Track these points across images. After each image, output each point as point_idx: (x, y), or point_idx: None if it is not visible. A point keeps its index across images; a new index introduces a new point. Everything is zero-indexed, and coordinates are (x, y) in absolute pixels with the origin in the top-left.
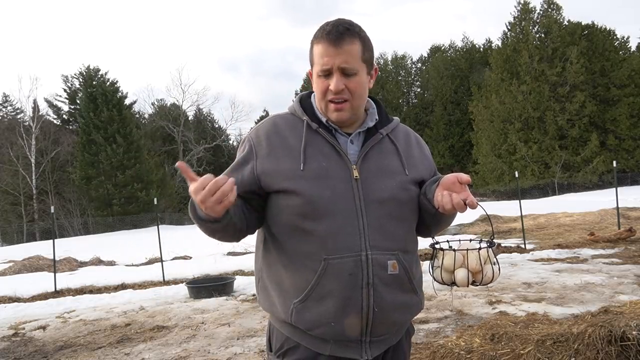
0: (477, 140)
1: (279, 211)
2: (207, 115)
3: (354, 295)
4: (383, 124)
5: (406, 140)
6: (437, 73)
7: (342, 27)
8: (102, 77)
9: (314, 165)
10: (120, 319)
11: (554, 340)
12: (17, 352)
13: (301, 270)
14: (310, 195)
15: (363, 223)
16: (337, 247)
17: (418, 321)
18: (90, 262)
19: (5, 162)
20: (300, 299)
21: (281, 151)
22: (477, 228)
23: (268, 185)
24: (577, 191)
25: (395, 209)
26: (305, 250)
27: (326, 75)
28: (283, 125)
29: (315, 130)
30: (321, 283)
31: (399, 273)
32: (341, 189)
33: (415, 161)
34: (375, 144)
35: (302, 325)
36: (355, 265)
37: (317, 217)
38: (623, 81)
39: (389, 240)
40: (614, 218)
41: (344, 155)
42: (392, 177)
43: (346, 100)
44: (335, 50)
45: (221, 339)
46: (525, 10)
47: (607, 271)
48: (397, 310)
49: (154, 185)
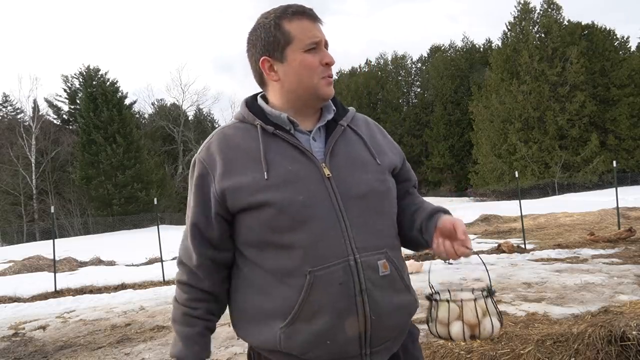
0: (477, 140)
1: (248, 230)
2: (207, 115)
3: (349, 306)
4: (341, 115)
5: (367, 128)
6: (437, 73)
7: (309, 7)
8: (102, 77)
9: (280, 170)
10: (120, 319)
11: (554, 340)
12: (17, 352)
13: (283, 290)
14: (281, 204)
15: (345, 224)
16: (321, 256)
17: (418, 321)
18: (90, 262)
19: (5, 162)
20: (286, 322)
21: (239, 164)
22: (477, 228)
23: (233, 205)
24: (577, 191)
25: (376, 202)
26: (285, 267)
27: (314, 49)
28: (234, 136)
29: (272, 134)
30: (309, 300)
31: (390, 273)
32: (314, 191)
33: (383, 148)
34: (339, 137)
35: (294, 351)
36: (345, 272)
37: (293, 226)
38: (623, 81)
39: (376, 238)
40: (614, 218)
41: (309, 154)
42: (365, 168)
43: (332, 76)
44: (318, 25)
45: (221, 338)
46: (525, 10)
47: (607, 271)
48: (394, 314)
49: (154, 185)
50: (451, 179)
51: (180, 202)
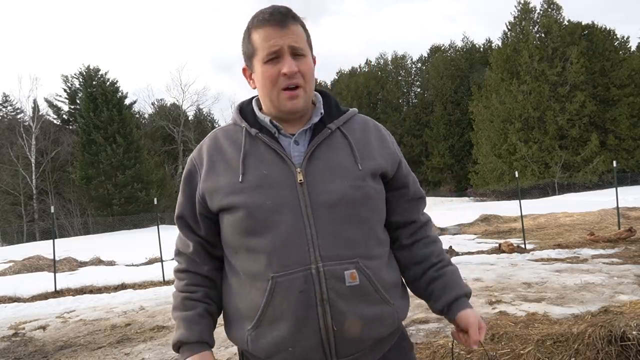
0: (477, 140)
1: (224, 231)
2: (207, 115)
3: (309, 315)
4: (332, 118)
5: (363, 130)
6: (437, 73)
7: (284, 9)
8: (102, 77)
9: (255, 174)
10: (120, 319)
11: (554, 340)
12: (17, 352)
13: (252, 293)
14: (249, 208)
15: (312, 232)
16: (284, 263)
17: (418, 321)
18: (90, 262)
19: (5, 162)
20: (253, 325)
21: (221, 166)
22: (477, 228)
23: (212, 205)
24: (577, 191)
25: (349, 210)
26: (253, 270)
27: (274, 59)
28: (223, 138)
29: (255, 137)
30: (271, 305)
31: (360, 283)
32: (283, 197)
33: (371, 153)
34: (323, 141)
35: (260, 354)
36: (306, 281)
37: (259, 231)
38: (623, 81)
39: (345, 247)
40: (614, 218)
41: (286, 158)
42: (343, 175)
43: (299, 86)
44: (283, 31)
45: (221, 338)
46: (525, 10)
47: (607, 271)
48: (364, 326)
49: (154, 185)
50: (451, 179)
51: None
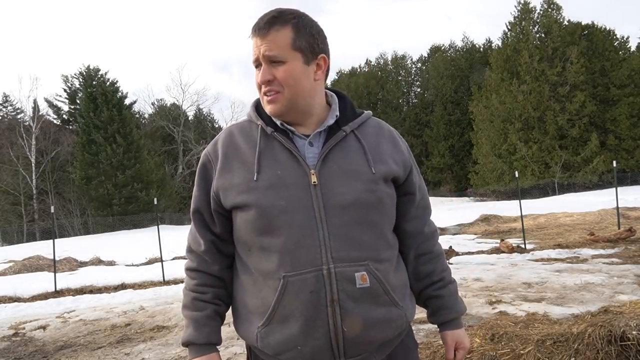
0: (477, 140)
1: (237, 228)
2: (207, 115)
3: (319, 315)
4: (348, 120)
5: (377, 134)
6: (437, 73)
7: (269, 16)
8: (102, 77)
9: (269, 174)
10: (120, 319)
11: (554, 340)
12: (17, 352)
13: (263, 291)
14: (263, 207)
15: (324, 233)
16: (296, 263)
17: (418, 321)
18: (90, 262)
19: (5, 162)
20: (263, 322)
21: (235, 163)
22: (477, 228)
23: (225, 202)
24: (577, 191)
25: (361, 213)
26: (266, 269)
27: (258, 67)
28: (238, 135)
29: (271, 135)
30: (282, 304)
31: (370, 285)
32: (297, 198)
33: (384, 156)
34: (337, 144)
35: (269, 351)
36: (317, 281)
37: (272, 231)
38: (623, 81)
39: (356, 249)
40: (614, 218)
41: (301, 159)
42: (357, 178)
43: (278, 92)
44: (261, 40)
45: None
46: (525, 10)
47: (607, 271)
48: (372, 328)
49: (154, 185)
50: (451, 179)
51: (180, 202)
